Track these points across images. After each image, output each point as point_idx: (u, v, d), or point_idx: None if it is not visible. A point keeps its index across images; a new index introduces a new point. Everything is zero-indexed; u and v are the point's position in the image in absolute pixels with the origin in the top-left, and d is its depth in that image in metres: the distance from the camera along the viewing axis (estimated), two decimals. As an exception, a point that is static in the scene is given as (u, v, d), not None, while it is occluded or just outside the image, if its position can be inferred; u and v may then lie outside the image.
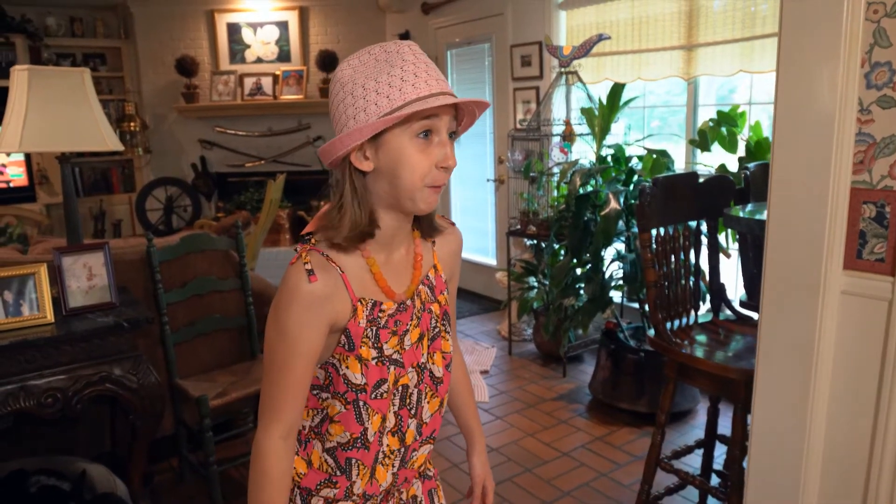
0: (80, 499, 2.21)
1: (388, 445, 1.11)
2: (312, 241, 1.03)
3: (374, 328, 1.04)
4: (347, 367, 1.04)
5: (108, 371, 2.10)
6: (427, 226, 1.11)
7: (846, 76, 1.48)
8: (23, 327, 2.04)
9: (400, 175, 0.97)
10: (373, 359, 1.04)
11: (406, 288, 1.08)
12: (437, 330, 1.14)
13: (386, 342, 1.06)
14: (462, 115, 1.03)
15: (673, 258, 2.15)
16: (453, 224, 1.18)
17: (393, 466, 1.13)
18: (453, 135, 1.02)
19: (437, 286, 1.14)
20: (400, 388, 1.09)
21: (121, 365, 2.12)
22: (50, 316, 2.10)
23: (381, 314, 1.05)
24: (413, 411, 1.12)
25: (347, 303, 1.01)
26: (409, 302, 1.08)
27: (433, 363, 1.13)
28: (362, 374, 1.04)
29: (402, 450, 1.12)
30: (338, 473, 1.10)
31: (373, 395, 1.06)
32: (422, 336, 1.11)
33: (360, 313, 1.02)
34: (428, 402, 1.14)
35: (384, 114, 0.94)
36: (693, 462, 2.70)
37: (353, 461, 1.09)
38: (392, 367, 1.07)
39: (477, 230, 5.39)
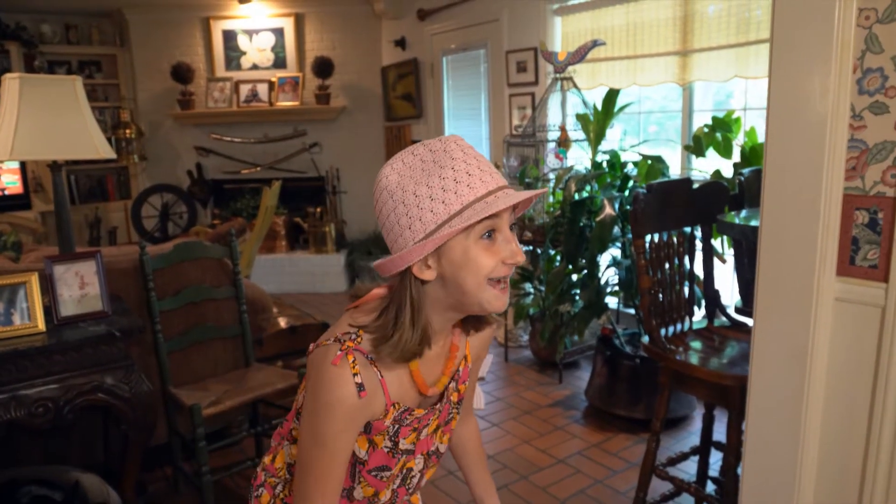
0: (72, 509, 2.19)
1: None
2: (359, 340, 0.96)
3: (397, 426, 1.03)
4: (356, 444, 1.02)
5: (100, 380, 2.09)
6: (474, 323, 1.07)
7: (838, 82, 1.48)
8: (14, 336, 2.03)
9: (465, 278, 0.92)
10: (384, 447, 1.03)
11: (437, 380, 1.06)
12: (451, 416, 1.14)
13: (404, 438, 1.05)
14: (518, 204, 0.97)
15: (667, 264, 2.15)
16: (493, 318, 1.12)
17: None
18: (513, 227, 0.97)
19: (462, 377, 1.12)
20: (404, 471, 1.09)
21: (113, 374, 2.11)
22: (41, 325, 2.08)
23: (408, 416, 1.03)
24: (411, 490, 1.13)
25: (382, 406, 0.99)
26: (437, 406, 1.07)
27: (441, 443, 1.14)
28: (367, 452, 1.03)
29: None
30: None
31: (371, 473, 1.05)
32: (437, 427, 1.11)
33: (389, 415, 1.00)
34: (427, 472, 1.15)
35: (442, 221, 0.89)
36: (689, 469, 2.69)
37: None
38: (403, 457, 1.07)
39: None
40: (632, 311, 3.74)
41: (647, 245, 2.08)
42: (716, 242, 3.14)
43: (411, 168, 0.92)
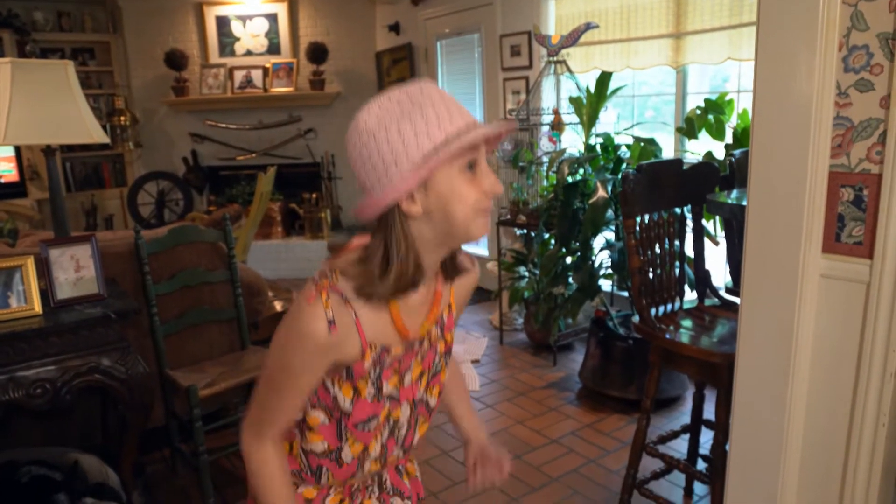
0: (72, 489, 2.22)
1: (367, 469, 1.13)
2: (335, 278, 0.99)
3: (378, 368, 1.04)
4: (339, 390, 1.04)
5: (97, 362, 2.11)
6: (451, 267, 1.09)
7: (824, 60, 1.49)
8: (11, 319, 2.05)
9: (453, 210, 0.94)
10: (368, 395, 1.05)
11: (419, 325, 1.07)
12: (438, 366, 1.14)
13: (387, 381, 1.06)
14: (489, 141, 1.00)
15: (658, 245, 2.17)
16: (474, 263, 1.15)
17: (365, 480, 1.17)
18: (489, 161, 1.01)
19: (447, 325, 1.14)
20: (391, 421, 1.10)
21: (109, 355, 2.13)
22: (38, 308, 2.10)
23: (387, 357, 1.04)
24: (401, 441, 1.14)
25: (357, 346, 1.00)
26: (416, 345, 1.08)
27: (430, 395, 1.15)
28: (352, 402, 1.04)
29: (382, 471, 1.16)
30: (308, 473, 1.13)
31: (357, 427, 1.07)
32: (422, 373, 1.12)
33: (367, 357, 1.01)
34: (419, 428, 1.17)
35: (428, 152, 0.91)
36: (680, 447, 2.72)
37: (324, 469, 1.11)
38: (388, 403, 1.08)
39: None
40: (626, 294, 3.77)
41: (638, 225, 2.10)
42: (709, 225, 3.17)
43: (389, 111, 0.94)
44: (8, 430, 2.51)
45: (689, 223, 2.33)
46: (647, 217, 2.12)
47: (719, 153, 3.23)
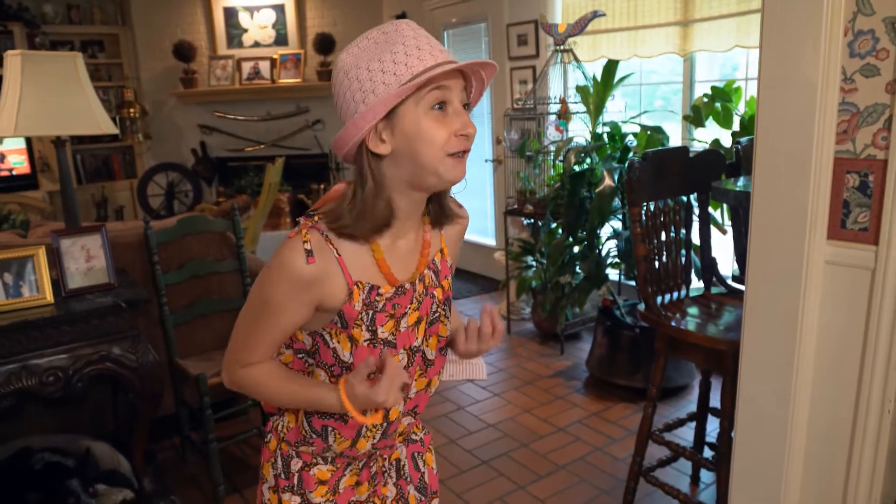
0: (85, 475, 2.26)
1: (371, 424, 1.12)
2: (316, 218, 1.00)
3: (371, 311, 1.03)
4: (338, 343, 1.04)
5: (108, 350, 2.14)
6: (439, 212, 1.09)
7: (829, 45, 1.48)
8: (23, 308, 2.08)
9: (419, 150, 0.94)
10: (364, 340, 1.04)
11: (410, 274, 1.07)
12: (436, 314, 1.12)
13: (382, 325, 1.04)
14: (471, 84, 1.00)
15: (664, 233, 2.17)
16: (462, 208, 1.15)
17: (374, 438, 1.14)
18: (466, 106, 1.00)
19: (443, 271, 1.13)
20: None
21: (120, 344, 2.16)
22: (49, 297, 2.13)
23: (378, 298, 1.03)
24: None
25: (342, 286, 1.00)
26: (407, 286, 1.07)
27: (427, 346, 1.13)
28: (351, 353, 1.04)
29: (385, 424, 1.14)
30: (313, 436, 1.12)
31: None
32: (419, 320, 1.10)
33: (356, 296, 1.01)
34: (415, 381, 1.13)
35: (393, 90, 0.92)
36: (686, 436, 2.73)
37: (330, 429, 1.11)
38: (385, 349, 1.06)
39: (476, 211, 5.40)
40: (633, 282, 3.77)
41: (643, 213, 2.10)
42: (716, 214, 3.16)
43: (364, 49, 0.95)
44: (21, 417, 2.55)
45: (696, 211, 2.33)
46: (652, 205, 2.12)
47: (726, 141, 3.21)
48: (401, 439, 1.23)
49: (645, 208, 2.10)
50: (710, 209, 2.97)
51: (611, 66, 3.52)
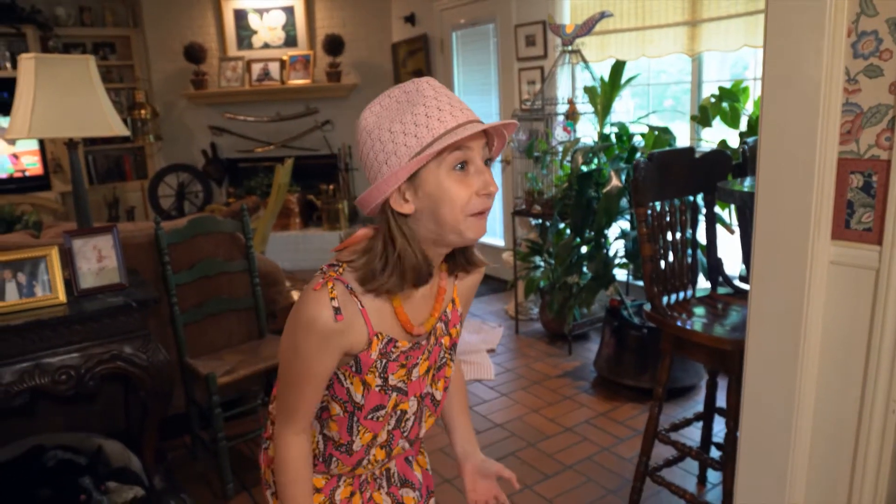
0: (96, 473, 2.29)
1: (374, 455, 1.16)
2: (341, 270, 1.02)
3: (385, 361, 1.07)
4: (351, 384, 1.08)
5: (119, 349, 2.17)
6: (462, 261, 1.10)
7: (832, 46, 1.49)
8: (36, 307, 2.11)
9: (441, 211, 0.95)
10: (376, 386, 1.08)
11: (425, 321, 1.10)
12: (443, 360, 1.17)
13: (392, 373, 1.08)
14: (493, 139, 1.02)
15: (670, 233, 2.17)
16: (483, 262, 1.16)
17: (374, 468, 1.19)
18: (489, 161, 1.01)
19: (452, 320, 1.16)
20: (398, 412, 1.13)
21: (131, 343, 2.19)
22: (62, 296, 2.16)
23: (394, 349, 1.07)
24: (406, 433, 1.17)
25: (364, 335, 1.03)
26: (423, 341, 1.10)
27: (435, 389, 1.17)
28: (363, 395, 1.08)
29: (386, 460, 1.19)
30: (320, 459, 1.16)
31: (367, 416, 1.10)
32: (429, 368, 1.14)
33: (374, 346, 1.04)
34: (424, 422, 1.19)
35: (415, 153, 0.93)
36: (693, 436, 2.73)
37: (335, 459, 1.15)
38: (394, 394, 1.10)
39: (484, 211, 5.41)
40: (640, 283, 3.77)
41: (650, 214, 2.11)
42: (724, 214, 3.16)
43: (387, 109, 0.97)
44: (34, 415, 2.59)
45: (703, 211, 2.33)
46: (658, 205, 2.13)
47: (734, 141, 3.21)
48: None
49: (651, 209, 2.11)
50: (720, 210, 2.97)
51: (618, 67, 3.52)
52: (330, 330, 0.99)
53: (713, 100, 3.20)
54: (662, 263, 2.15)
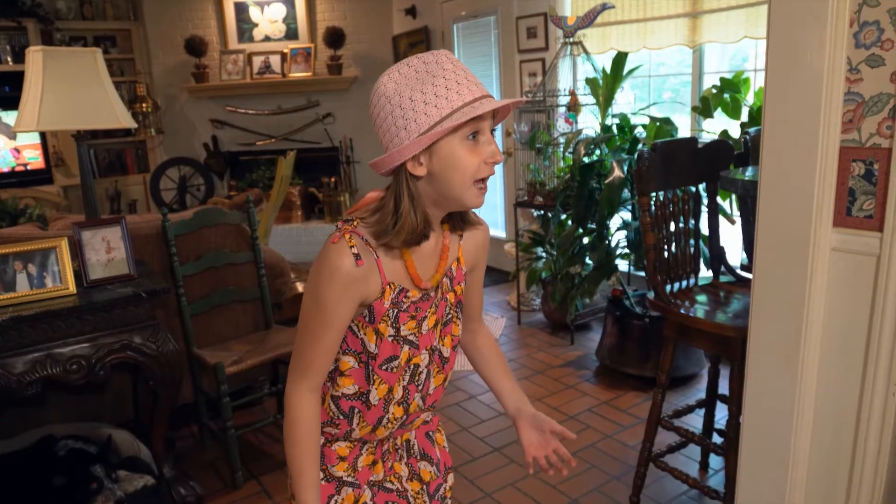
0: (107, 462, 2.32)
1: (392, 413, 1.20)
2: (355, 223, 1.09)
3: (396, 311, 1.12)
4: (365, 335, 1.13)
5: (129, 339, 2.20)
6: (459, 220, 1.18)
7: (834, 36, 1.51)
8: (47, 298, 2.14)
9: (452, 177, 1.04)
10: (389, 336, 1.13)
11: (431, 276, 1.15)
12: (449, 316, 1.22)
13: (404, 324, 1.14)
14: (498, 112, 1.09)
15: (673, 222, 2.20)
16: (481, 220, 1.25)
17: (392, 426, 1.23)
18: (493, 131, 1.09)
19: (457, 278, 1.22)
20: (412, 367, 1.18)
21: (140, 333, 2.22)
22: (72, 287, 2.19)
23: (405, 299, 1.12)
24: (420, 387, 1.22)
25: (378, 284, 1.09)
26: (431, 293, 1.16)
27: (443, 345, 1.22)
28: (376, 345, 1.13)
29: (405, 417, 1.22)
30: (340, 418, 1.19)
31: (382, 366, 1.15)
32: (437, 322, 1.20)
33: (387, 295, 1.10)
34: (434, 378, 1.23)
35: (434, 122, 1.00)
36: (695, 423, 2.77)
37: (356, 410, 1.18)
38: (406, 347, 1.16)
39: (486, 203, 5.40)
40: (642, 273, 3.80)
41: (653, 203, 2.13)
42: (725, 204, 3.18)
43: (406, 77, 1.03)
44: (44, 404, 2.62)
45: (705, 201, 2.36)
46: (661, 195, 2.15)
47: (735, 132, 3.23)
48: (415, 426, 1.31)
49: (654, 198, 2.13)
50: (719, 199, 2.99)
51: (620, 58, 3.54)
52: (352, 277, 1.05)
53: (714, 91, 3.22)
54: (665, 252, 2.18)
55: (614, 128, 3.55)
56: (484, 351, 1.38)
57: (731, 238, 2.94)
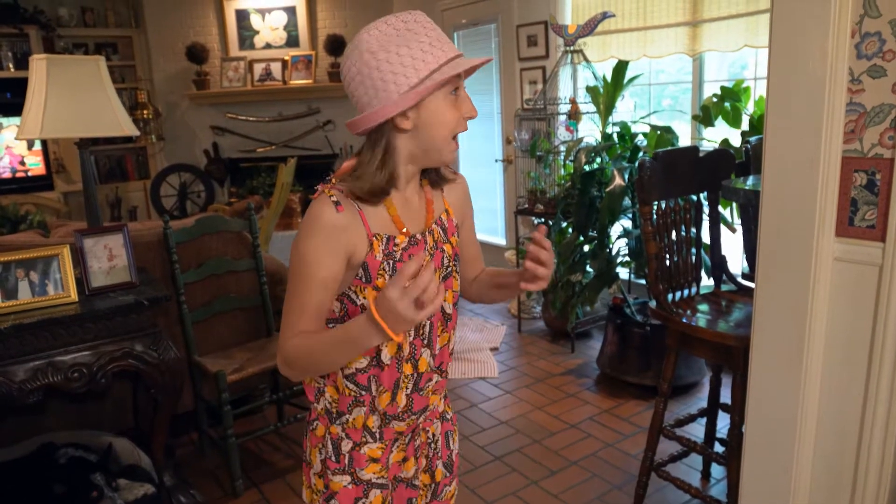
0: (107, 470, 2.32)
1: (404, 372, 1.21)
2: (333, 180, 1.12)
3: (391, 261, 1.12)
4: (365, 299, 1.13)
5: (130, 347, 2.19)
6: (436, 176, 1.22)
7: (836, 47, 1.52)
8: (49, 306, 2.14)
9: (435, 132, 1.08)
10: None
11: (420, 229, 1.18)
12: (448, 269, 1.23)
13: None
14: (463, 72, 1.13)
15: (674, 231, 2.20)
16: (457, 173, 1.28)
17: (407, 389, 1.22)
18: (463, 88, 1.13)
19: (449, 228, 1.24)
20: None
21: (142, 341, 2.21)
22: (74, 295, 2.18)
23: (395, 248, 1.13)
24: (426, 341, 1.22)
25: (364, 237, 1.10)
26: (419, 236, 1.17)
27: (444, 300, 1.22)
28: None
29: (416, 375, 1.22)
30: (362, 393, 1.20)
31: None
32: (434, 271, 1.15)
33: (376, 247, 1.11)
34: (439, 336, 1.24)
35: (424, 76, 1.03)
36: (697, 432, 2.76)
37: (372, 378, 1.19)
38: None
39: (486, 210, 5.44)
40: (643, 281, 3.80)
41: (654, 212, 2.13)
42: (726, 213, 3.19)
43: (389, 34, 1.06)
44: (44, 412, 2.61)
45: (706, 210, 2.36)
46: (663, 204, 2.16)
47: (735, 140, 3.24)
48: (438, 415, 1.33)
49: (655, 207, 2.13)
50: (720, 208, 3.00)
51: (620, 67, 3.55)
52: (333, 225, 1.07)
53: (715, 99, 3.23)
54: (667, 261, 2.18)
55: (615, 136, 3.55)
56: (482, 276, 1.39)
57: (732, 247, 2.94)
